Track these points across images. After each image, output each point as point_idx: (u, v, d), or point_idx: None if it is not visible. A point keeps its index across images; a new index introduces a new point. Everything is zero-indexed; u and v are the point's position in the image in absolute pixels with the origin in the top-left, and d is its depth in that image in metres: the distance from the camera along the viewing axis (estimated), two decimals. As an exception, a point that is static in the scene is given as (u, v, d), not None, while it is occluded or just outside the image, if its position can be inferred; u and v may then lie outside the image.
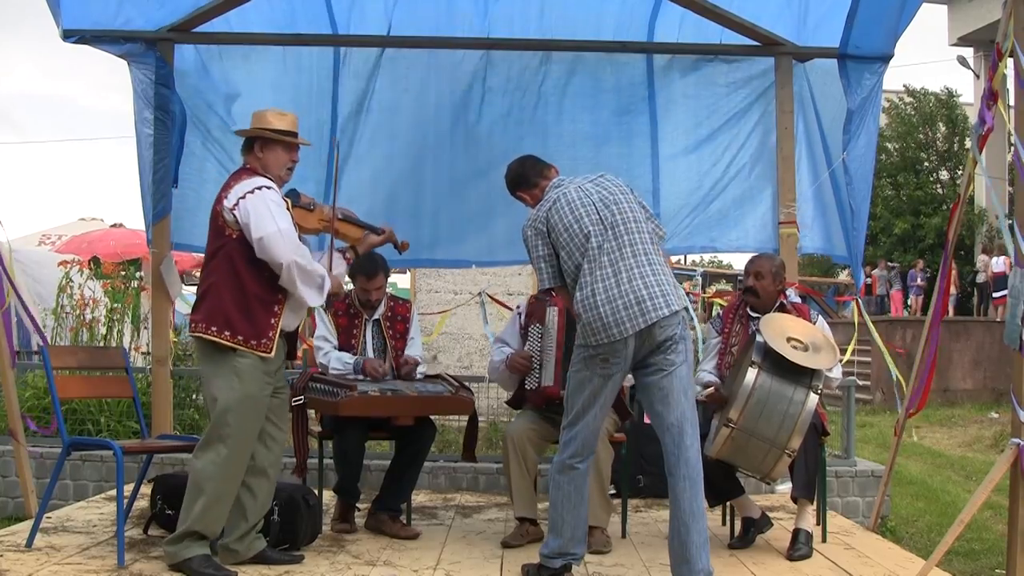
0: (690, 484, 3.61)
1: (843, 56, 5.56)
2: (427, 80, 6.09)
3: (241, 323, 3.84)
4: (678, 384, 3.66)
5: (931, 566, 3.84)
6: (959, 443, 11.03)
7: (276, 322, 3.91)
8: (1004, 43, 3.98)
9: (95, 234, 13.28)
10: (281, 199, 3.95)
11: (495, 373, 4.81)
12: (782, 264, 4.79)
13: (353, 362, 4.78)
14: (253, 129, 4.05)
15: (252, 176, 3.95)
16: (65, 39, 5.59)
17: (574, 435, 3.80)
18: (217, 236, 3.94)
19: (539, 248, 3.83)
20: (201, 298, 3.95)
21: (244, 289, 3.86)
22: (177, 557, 3.81)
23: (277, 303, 3.91)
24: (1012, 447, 3.78)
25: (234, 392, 3.83)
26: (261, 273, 3.87)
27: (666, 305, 3.64)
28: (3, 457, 6.10)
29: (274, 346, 3.90)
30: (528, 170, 4.13)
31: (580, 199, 3.80)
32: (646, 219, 3.84)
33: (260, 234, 3.78)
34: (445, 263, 6.85)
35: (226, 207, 3.87)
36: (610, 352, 3.67)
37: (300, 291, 3.88)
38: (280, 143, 4.03)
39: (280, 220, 3.82)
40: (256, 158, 4.02)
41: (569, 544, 3.84)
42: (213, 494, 3.81)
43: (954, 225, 4.75)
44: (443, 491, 6.04)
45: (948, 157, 24.87)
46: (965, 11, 21.50)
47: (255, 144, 4.02)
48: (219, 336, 3.83)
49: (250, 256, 3.85)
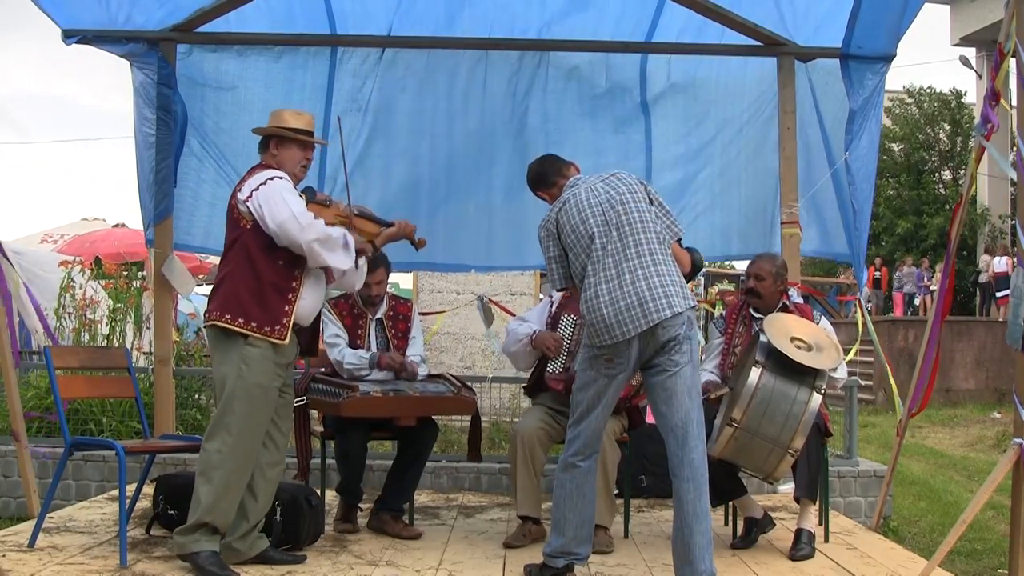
0: (694, 486, 3.60)
1: (845, 56, 5.56)
2: (425, 80, 6.09)
3: (254, 309, 3.87)
4: (682, 385, 3.65)
5: (933, 566, 3.84)
6: (961, 443, 11.03)
7: (291, 309, 3.93)
8: (1006, 43, 3.99)
9: (97, 234, 13.29)
10: (293, 188, 4.00)
11: (515, 344, 4.71)
12: (783, 265, 4.78)
13: (368, 357, 4.79)
14: (270, 127, 4.11)
15: (263, 169, 4.02)
16: (66, 39, 5.59)
17: (577, 433, 3.82)
18: (233, 228, 4.01)
19: (550, 249, 3.87)
20: (216, 288, 4.00)
21: (258, 276, 3.90)
22: (186, 548, 3.81)
23: (291, 291, 3.94)
24: (1014, 447, 3.79)
25: (242, 380, 3.85)
26: (275, 261, 3.91)
27: (668, 307, 3.62)
28: (5, 457, 6.10)
29: (288, 332, 3.92)
30: (547, 168, 4.13)
31: (588, 199, 3.80)
32: (656, 218, 3.81)
33: (278, 220, 3.83)
34: (444, 267, 6.84)
35: (240, 199, 3.94)
36: (614, 353, 3.67)
37: (331, 261, 3.93)
38: (296, 141, 4.10)
39: (293, 204, 3.86)
40: (272, 155, 4.09)
41: (572, 543, 3.84)
42: (221, 483, 3.80)
43: (956, 225, 4.75)
44: (445, 491, 6.04)
45: (951, 157, 24.86)
46: (967, 11, 21.49)
47: (271, 142, 4.10)
48: (232, 323, 3.86)
49: (264, 244, 3.89)
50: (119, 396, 5.98)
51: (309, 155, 4.18)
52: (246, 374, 3.85)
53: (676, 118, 6.20)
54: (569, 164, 4.13)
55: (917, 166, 24.82)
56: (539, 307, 4.92)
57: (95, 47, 5.67)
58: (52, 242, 13.01)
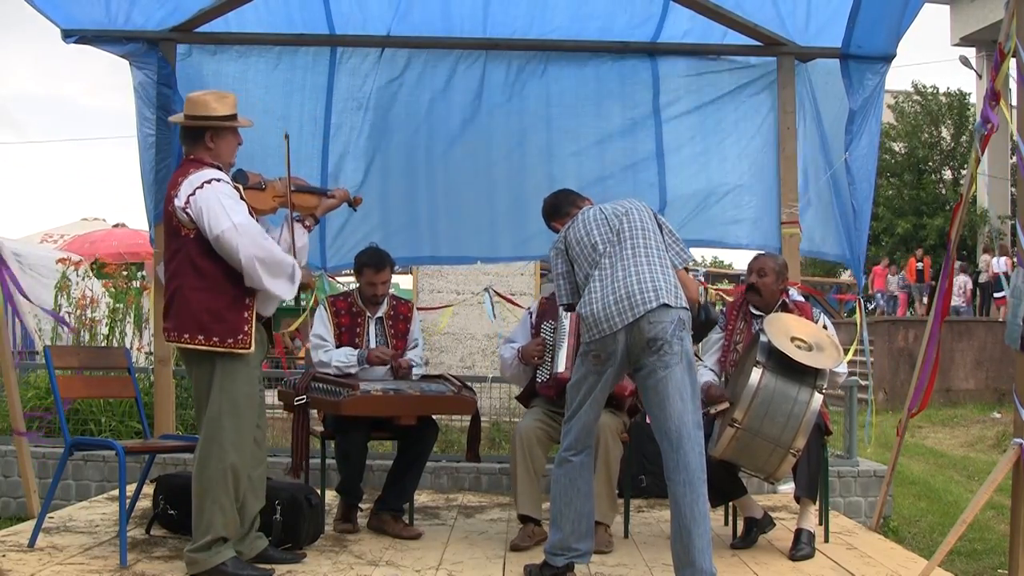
0: (690, 488, 3.57)
1: (845, 56, 5.56)
2: (425, 76, 6.09)
3: (214, 324, 3.72)
4: (673, 388, 3.62)
5: (933, 566, 3.84)
6: (961, 443, 11.03)
7: (250, 315, 3.79)
8: (1006, 43, 3.99)
9: (97, 234, 13.32)
10: (232, 190, 3.79)
11: (508, 369, 4.80)
12: (785, 264, 4.79)
13: (357, 354, 4.79)
14: (202, 118, 3.82)
15: (200, 168, 3.78)
16: (65, 39, 5.59)
17: (569, 429, 3.86)
18: (173, 237, 3.80)
19: (559, 266, 3.99)
20: (168, 304, 3.83)
21: (210, 289, 3.73)
22: (208, 563, 3.73)
23: (247, 295, 3.77)
24: (1014, 447, 3.78)
25: (225, 393, 3.77)
26: (225, 268, 3.72)
27: (656, 299, 3.64)
28: (5, 457, 6.10)
29: (251, 340, 3.79)
30: (562, 200, 4.40)
31: (595, 216, 3.94)
32: (660, 233, 3.90)
33: (215, 233, 3.64)
34: (448, 260, 6.87)
35: (178, 207, 3.71)
36: (601, 348, 3.70)
37: (268, 285, 3.71)
38: (231, 130, 3.88)
39: (235, 214, 3.66)
40: (208, 149, 3.84)
41: (571, 538, 3.83)
42: (226, 498, 3.77)
43: (956, 225, 4.75)
44: (445, 491, 6.04)
45: (952, 157, 24.85)
46: (967, 11, 21.51)
47: (207, 134, 3.83)
48: (194, 342, 3.73)
49: (211, 253, 3.70)
50: (119, 396, 5.99)
51: (240, 139, 3.94)
52: (228, 387, 3.78)
53: (685, 113, 6.16)
54: (584, 198, 4.35)
55: (918, 165, 24.81)
56: (520, 325, 4.94)
57: (94, 47, 5.67)
58: (52, 242, 13.02)
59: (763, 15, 5.71)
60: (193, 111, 3.84)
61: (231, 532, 3.81)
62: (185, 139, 3.91)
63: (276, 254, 3.75)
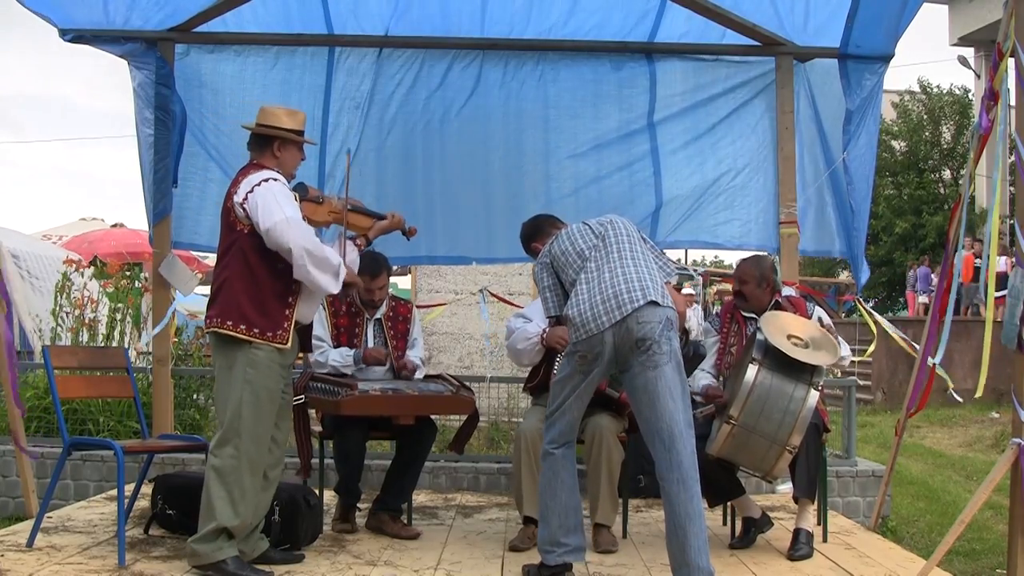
0: (684, 487, 3.55)
1: (844, 56, 5.56)
2: (422, 76, 6.09)
3: (256, 316, 3.85)
4: (664, 387, 3.60)
5: (932, 566, 3.84)
6: (960, 443, 11.04)
7: (291, 313, 3.92)
8: (1005, 43, 3.99)
9: (96, 234, 13.30)
10: (289, 192, 3.97)
11: (523, 342, 4.66)
12: (771, 266, 4.78)
13: (353, 354, 4.78)
14: (272, 128, 4.04)
15: (259, 170, 3.96)
16: (63, 37, 5.59)
17: (552, 423, 3.87)
18: (229, 231, 3.96)
19: (544, 279, 4.04)
20: (215, 293, 3.96)
21: (257, 282, 3.87)
22: (210, 557, 3.76)
23: (291, 294, 3.92)
24: (1013, 447, 3.79)
25: (249, 385, 3.84)
26: (274, 265, 3.87)
27: (643, 296, 3.66)
28: (4, 457, 6.10)
29: (290, 337, 3.91)
30: (542, 223, 4.56)
31: (579, 229, 4.03)
32: (644, 244, 3.96)
33: (268, 224, 3.77)
34: (444, 260, 6.84)
35: (236, 202, 3.88)
36: (587, 349, 3.71)
37: (315, 278, 3.83)
38: (296, 144, 4.09)
39: (287, 208, 3.82)
40: (274, 157, 4.04)
41: (559, 532, 3.81)
42: (237, 489, 3.80)
43: (955, 225, 4.76)
44: (444, 491, 6.04)
45: (952, 156, 24.84)
46: (966, 11, 21.50)
47: (275, 143, 4.03)
48: (234, 330, 3.84)
49: (262, 249, 3.85)
50: (118, 396, 5.98)
51: (303, 155, 4.17)
52: (253, 379, 3.84)
53: (682, 112, 6.17)
54: (562, 222, 4.53)
55: (918, 164, 24.80)
56: (537, 304, 4.87)
57: (93, 46, 5.67)
58: (51, 242, 13.01)
59: (761, 15, 5.71)
60: (265, 120, 4.06)
61: (237, 525, 3.81)
62: (254, 146, 4.08)
63: (324, 249, 3.90)
